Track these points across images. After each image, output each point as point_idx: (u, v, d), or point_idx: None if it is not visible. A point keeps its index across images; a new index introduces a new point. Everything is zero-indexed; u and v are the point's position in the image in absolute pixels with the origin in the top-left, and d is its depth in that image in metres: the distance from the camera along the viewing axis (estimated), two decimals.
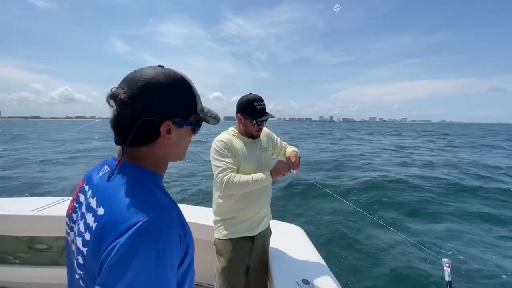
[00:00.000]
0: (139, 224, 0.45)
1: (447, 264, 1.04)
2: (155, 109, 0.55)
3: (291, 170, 1.48)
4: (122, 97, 0.53)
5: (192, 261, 0.56)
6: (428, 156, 14.10)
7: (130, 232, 0.45)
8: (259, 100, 1.48)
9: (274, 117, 1.53)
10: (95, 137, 25.26)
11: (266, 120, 1.51)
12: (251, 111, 1.46)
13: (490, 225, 4.61)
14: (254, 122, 1.47)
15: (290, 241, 1.79)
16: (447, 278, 1.02)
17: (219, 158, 1.42)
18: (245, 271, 1.50)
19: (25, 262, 2.03)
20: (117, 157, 0.61)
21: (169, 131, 0.57)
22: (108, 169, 0.59)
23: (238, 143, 1.51)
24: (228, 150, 1.45)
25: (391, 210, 5.34)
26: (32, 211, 1.99)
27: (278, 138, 1.78)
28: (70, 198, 2.59)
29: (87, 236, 0.50)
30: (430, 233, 4.20)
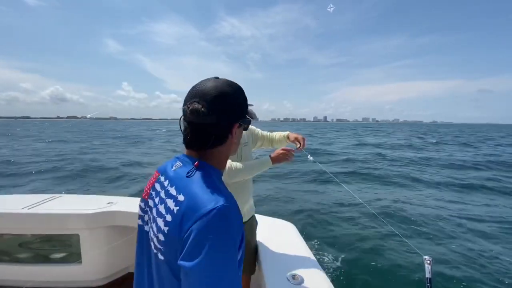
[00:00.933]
0: (214, 211, 0.55)
1: (428, 261, 1.06)
2: (228, 115, 0.67)
3: (301, 149, 1.58)
4: (203, 110, 0.63)
5: (244, 245, 0.64)
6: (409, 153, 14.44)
7: (207, 216, 0.54)
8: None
9: (256, 120, 1.54)
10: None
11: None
12: None
13: (465, 221, 4.74)
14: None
15: (281, 237, 1.79)
16: (427, 275, 1.04)
17: None
18: None
19: (14, 260, 2.01)
20: (187, 154, 0.72)
21: (235, 132, 0.70)
22: (181, 164, 0.69)
23: None
24: None
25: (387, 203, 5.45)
26: (22, 208, 1.96)
27: (258, 129, 1.81)
28: (62, 195, 2.51)
29: (169, 218, 0.60)
30: (414, 228, 4.30)
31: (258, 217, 1.82)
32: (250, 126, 1.76)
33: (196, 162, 0.66)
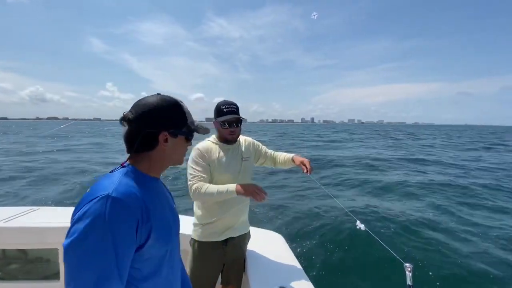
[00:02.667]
0: (97, 198, 0.62)
1: (409, 269, 1.06)
2: (154, 123, 0.74)
3: (308, 174, 1.58)
4: (130, 117, 0.73)
5: (161, 246, 0.74)
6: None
7: (90, 203, 0.62)
8: (228, 103, 1.51)
9: (238, 117, 1.51)
10: None
11: (237, 124, 1.51)
12: (218, 113, 1.50)
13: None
14: (221, 124, 1.50)
15: (269, 248, 1.79)
16: (408, 282, 1.05)
17: (192, 166, 1.47)
18: (215, 274, 1.59)
19: None
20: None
21: (166, 140, 0.76)
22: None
23: (216, 151, 1.53)
24: (203, 158, 1.47)
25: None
26: None
27: (264, 146, 1.80)
28: (40, 208, 2.42)
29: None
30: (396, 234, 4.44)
31: None
32: (254, 141, 1.77)
33: (122, 163, 0.77)
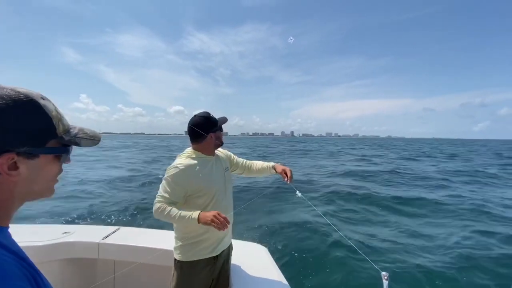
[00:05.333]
0: None
1: (385, 277, 1.08)
2: None
3: (289, 182, 1.58)
4: None
5: None
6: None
7: None
8: (207, 113, 1.54)
9: (225, 117, 1.61)
10: None
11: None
12: (212, 124, 1.51)
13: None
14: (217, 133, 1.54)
15: (253, 260, 1.79)
16: None
17: (165, 185, 1.41)
18: None
19: None
20: None
21: (14, 166, 0.46)
22: None
23: (200, 166, 1.46)
24: (180, 179, 1.40)
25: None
26: None
27: (234, 155, 1.80)
28: (9, 225, 2.25)
29: None
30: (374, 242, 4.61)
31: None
32: (227, 152, 1.75)
33: None
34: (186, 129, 1.51)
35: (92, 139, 0.58)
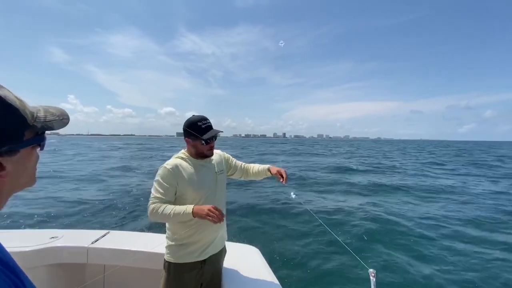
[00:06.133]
0: None
1: (373, 274, 1.09)
2: None
3: (284, 183, 1.58)
4: None
5: None
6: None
7: None
8: (203, 119, 1.46)
9: (221, 131, 1.51)
10: None
11: (215, 137, 1.49)
12: (197, 131, 1.43)
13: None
14: (203, 141, 1.44)
15: (245, 262, 1.78)
16: (372, 287, 1.08)
17: (156, 186, 1.41)
18: None
19: None
20: None
21: (1, 167, 0.45)
22: None
23: (188, 168, 1.46)
24: (169, 178, 1.40)
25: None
26: None
27: (233, 158, 1.78)
28: None
29: None
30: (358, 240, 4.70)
31: None
32: (224, 154, 1.74)
33: None
34: (177, 131, 1.50)
35: (62, 119, 0.55)
